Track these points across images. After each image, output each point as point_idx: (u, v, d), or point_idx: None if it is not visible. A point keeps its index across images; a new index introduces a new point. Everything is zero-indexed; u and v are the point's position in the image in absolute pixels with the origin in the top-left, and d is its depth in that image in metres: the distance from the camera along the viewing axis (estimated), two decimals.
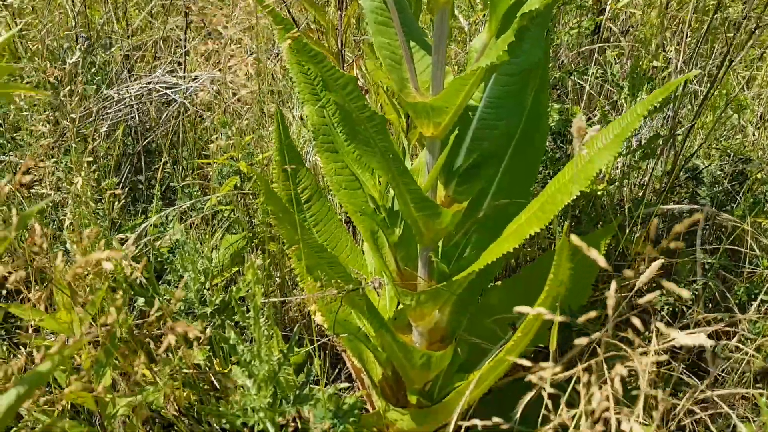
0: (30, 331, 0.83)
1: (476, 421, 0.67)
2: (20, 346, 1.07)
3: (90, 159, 1.10)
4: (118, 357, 1.01)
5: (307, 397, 0.85)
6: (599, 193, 1.46)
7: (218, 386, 1.15)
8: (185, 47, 1.64)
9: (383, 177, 1.10)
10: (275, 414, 0.85)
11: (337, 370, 1.56)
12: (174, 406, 1.06)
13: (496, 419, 0.69)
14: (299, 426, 0.91)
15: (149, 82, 1.47)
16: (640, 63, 1.58)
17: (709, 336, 1.41)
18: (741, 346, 1.21)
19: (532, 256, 1.56)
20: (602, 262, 0.58)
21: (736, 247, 1.44)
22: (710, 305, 1.44)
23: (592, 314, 0.63)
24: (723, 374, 1.34)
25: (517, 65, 1.10)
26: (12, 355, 0.88)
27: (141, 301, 1.05)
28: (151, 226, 1.23)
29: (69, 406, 1.00)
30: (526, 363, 0.65)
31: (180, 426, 1.06)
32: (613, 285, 0.59)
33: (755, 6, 1.88)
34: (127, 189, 1.51)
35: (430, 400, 1.23)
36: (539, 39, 1.09)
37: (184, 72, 1.57)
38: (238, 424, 0.86)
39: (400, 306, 1.29)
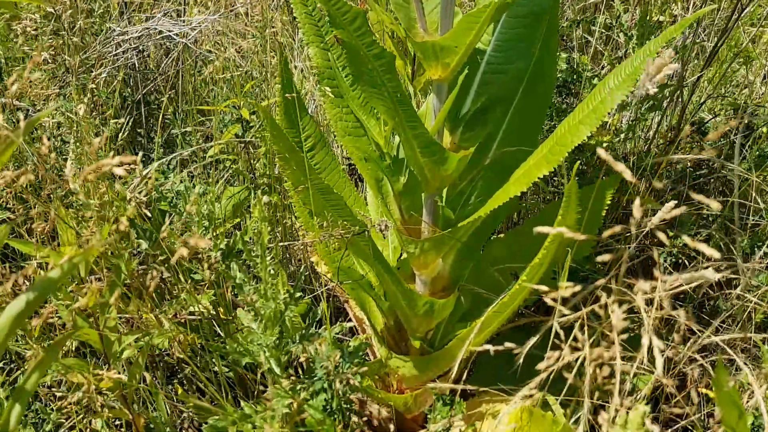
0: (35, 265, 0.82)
1: (488, 346, 0.67)
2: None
3: (92, 87, 1.07)
4: (122, 302, 1.01)
5: (312, 336, 0.85)
6: (604, 145, 1.44)
7: (222, 333, 1.15)
8: None
9: (389, 122, 1.08)
10: (281, 353, 0.85)
11: (339, 322, 1.56)
12: (179, 350, 1.06)
13: (508, 344, 0.69)
14: (304, 367, 0.91)
15: (148, 28, 1.43)
16: (649, 12, 1.55)
17: (711, 286, 1.42)
18: (744, 294, 1.21)
19: (536, 208, 1.55)
20: (628, 175, 0.57)
21: (741, 200, 1.43)
22: (714, 257, 1.44)
23: (617, 228, 0.62)
24: (725, 326, 1.35)
25: (526, 7, 1.08)
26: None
27: (144, 245, 1.04)
28: (153, 171, 1.21)
29: (73, 346, 1.00)
30: (544, 288, 0.65)
31: (185, 369, 1.06)
32: (637, 201, 0.58)
33: None
34: (126, 137, 1.49)
35: (432, 348, 1.24)
36: None
37: (184, 17, 1.54)
38: (243, 363, 0.86)
39: (404, 256, 1.29)
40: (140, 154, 0.88)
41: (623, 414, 0.65)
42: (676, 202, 0.78)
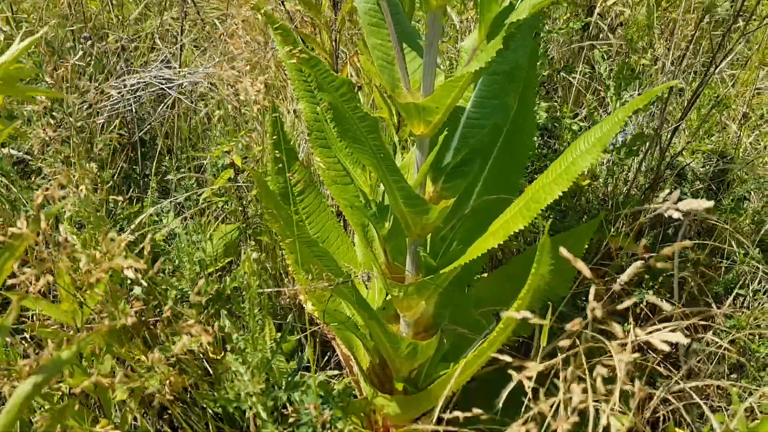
0: (34, 320, 0.87)
1: (458, 413, 0.72)
2: (25, 338, 1.10)
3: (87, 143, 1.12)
4: (115, 345, 1.05)
5: (298, 384, 0.90)
6: (584, 188, 1.50)
7: (212, 372, 1.19)
8: (181, 41, 1.66)
9: (374, 173, 1.14)
10: (267, 399, 0.89)
11: (326, 358, 1.60)
12: (169, 391, 1.10)
13: (476, 410, 0.73)
14: (291, 410, 0.95)
15: (145, 76, 1.49)
16: (628, 61, 1.62)
17: (686, 329, 1.47)
18: (716, 339, 1.26)
19: (518, 248, 1.60)
20: (586, 272, 0.62)
21: (716, 243, 1.49)
22: (689, 298, 1.49)
23: (577, 326, 0.67)
24: (699, 364, 1.40)
25: (503, 65, 1.14)
26: (13, 344, 0.92)
27: (138, 290, 1.09)
28: (147, 216, 1.26)
29: (68, 390, 1.04)
30: (507, 359, 0.70)
31: (175, 410, 1.10)
32: (592, 290, 0.63)
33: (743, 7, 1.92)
34: (120, 178, 1.54)
35: (416, 388, 1.28)
36: (526, 41, 1.13)
37: (179, 65, 1.60)
38: (231, 409, 0.90)
39: (389, 297, 1.34)
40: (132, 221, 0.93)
41: None
42: (643, 260, 0.83)
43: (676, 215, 0.60)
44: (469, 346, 1.24)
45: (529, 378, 0.64)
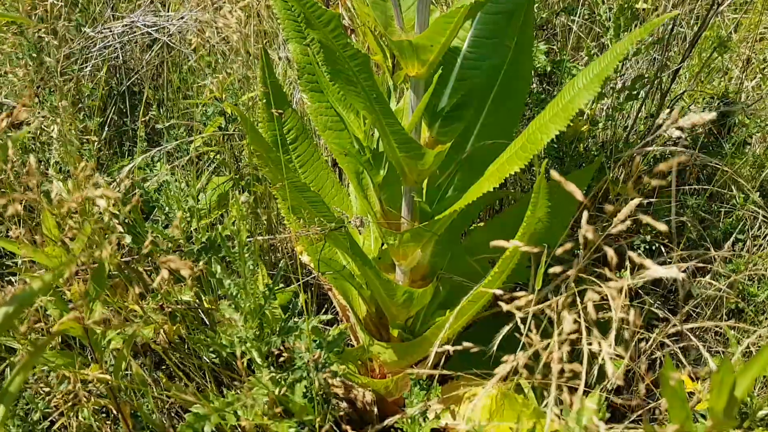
0: (20, 264, 0.85)
1: (447, 347, 0.71)
2: (11, 283, 1.09)
3: (74, 94, 1.09)
4: (108, 293, 1.04)
5: (292, 329, 0.89)
6: (582, 131, 1.47)
7: (207, 322, 1.19)
8: None
9: (368, 117, 1.11)
10: (261, 344, 0.88)
11: (324, 310, 1.60)
12: (165, 339, 1.10)
13: (466, 344, 0.72)
14: (285, 357, 0.95)
15: (132, 21, 1.44)
16: (628, 2, 1.57)
17: (684, 272, 1.46)
18: (714, 282, 1.25)
19: (516, 197, 1.58)
20: (579, 195, 0.60)
21: (716, 188, 1.47)
22: (688, 244, 1.48)
23: (568, 246, 0.66)
24: (697, 310, 1.39)
25: (500, 5, 1.10)
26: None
27: (128, 239, 1.07)
28: (137, 167, 1.24)
29: (60, 340, 1.03)
30: (499, 292, 0.68)
31: (170, 361, 1.10)
32: (585, 215, 0.61)
33: None
34: (112, 130, 1.51)
35: (412, 335, 1.28)
36: None
37: (167, 10, 1.55)
38: (225, 354, 0.90)
39: (384, 247, 1.32)
40: (124, 167, 0.91)
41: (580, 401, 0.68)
42: (641, 198, 0.81)
43: (676, 134, 0.58)
44: (465, 294, 1.23)
45: (519, 308, 0.63)
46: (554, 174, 0.59)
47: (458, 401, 1.23)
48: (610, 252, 0.58)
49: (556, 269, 0.64)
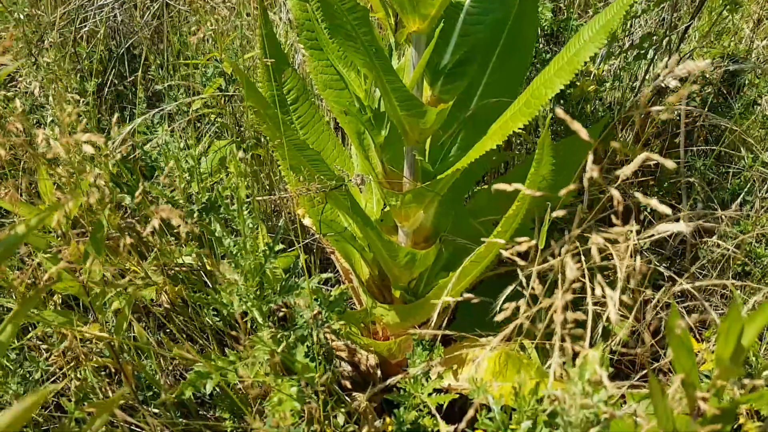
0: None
1: (449, 299, 0.70)
2: None
3: (71, 54, 1.07)
4: (109, 254, 1.03)
5: (292, 287, 0.88)
6: (589, 92, 1.44)
7: (209, 283, 1.18)
8: None
9: (368, 75, 1.09)
10: (262, 303, 0.88)
11: (327, 273, 1.59)
12: (167, 300, 1.09)
13: (467, 295, 0.71)
14: (287, 316, 0.94)
15: None
16: None
17: (691, 233, 1.44)
18: (722, 243, 1.23)
19: (520, 159, 1.56)
20: (584, 134, 0.58)
21: (724, 149, 1.44)
22: (696, 205, 1.46)
23: (572, 187, 0.64)
24: (703, 272, 1.38)
25: None
26: None
27: (128, 200, 1.06)
28: (137, 130, 1.22)
29: (60, 301, 1.03)
30: (501, 241, 0.67)
31: (172, 322, 1.09)
32: (590, 157, 0.59)
33: None
34: (112, 95, 1.49)
35: (415, 297, 1.27)
36: None
37: None
38: (227, 314, 0.89)
39: (386, 209, 1.31)
40: (115, 116, 0.89)
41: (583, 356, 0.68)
42: (647, 153, 0.79)
43: (673, 84, 0.56)
44: (468, 256, 1.22)
45: (520, 255, 0.61)
46: (558, 111, 0.57)
47: (461, 362, 1.23)
48: (616, 194, 0.57)
49: (559, 213, 0.62)
